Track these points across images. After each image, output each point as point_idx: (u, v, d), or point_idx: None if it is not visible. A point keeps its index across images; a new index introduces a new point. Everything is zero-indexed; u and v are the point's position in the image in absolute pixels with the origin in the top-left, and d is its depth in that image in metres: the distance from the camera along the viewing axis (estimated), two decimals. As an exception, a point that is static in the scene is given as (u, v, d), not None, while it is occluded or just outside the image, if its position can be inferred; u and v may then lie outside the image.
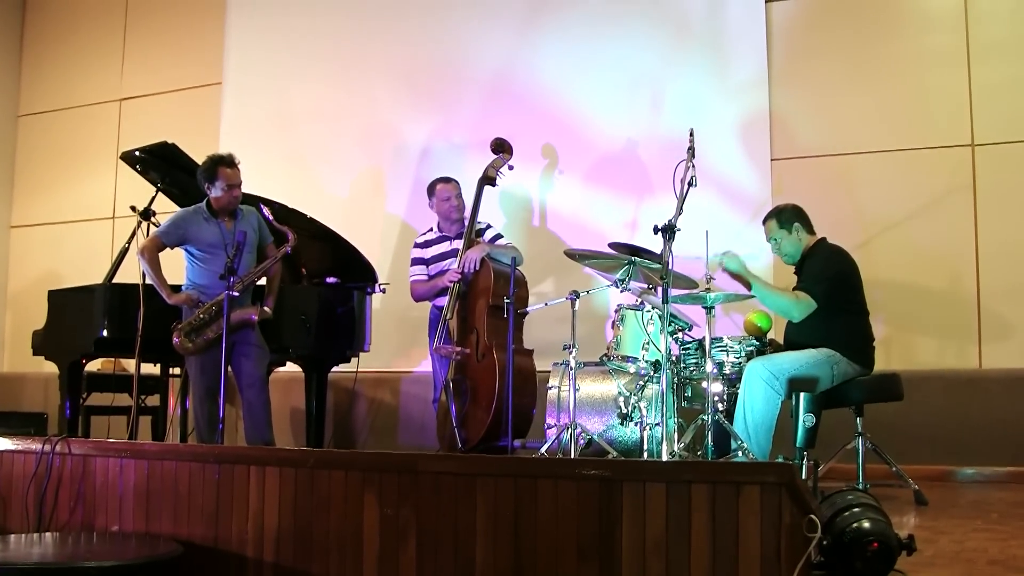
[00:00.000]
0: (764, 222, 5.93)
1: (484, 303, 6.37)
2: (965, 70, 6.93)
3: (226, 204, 6.08)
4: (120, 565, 3.83)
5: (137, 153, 6.78)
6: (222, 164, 6.04)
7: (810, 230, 5.79)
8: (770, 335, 5.99)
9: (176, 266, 6.18)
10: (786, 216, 5.80)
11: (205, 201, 6.12)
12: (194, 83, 9.38)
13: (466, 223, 6.72)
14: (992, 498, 5.65)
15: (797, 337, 5.61)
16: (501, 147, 6.94)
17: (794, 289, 5.64)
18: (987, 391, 6.61)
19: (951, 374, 6.75)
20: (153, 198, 6.92)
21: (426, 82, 8.44)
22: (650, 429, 5.71)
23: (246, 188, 6.19)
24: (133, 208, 6.86)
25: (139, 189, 7.17)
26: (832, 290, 5.53)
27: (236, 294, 5.75)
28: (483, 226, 6.87)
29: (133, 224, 6.83)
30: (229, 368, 5.90)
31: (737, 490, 3.29)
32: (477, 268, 6.45)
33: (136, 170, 6.94)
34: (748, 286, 5.70)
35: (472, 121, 8.12)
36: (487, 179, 6.83)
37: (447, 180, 6.87)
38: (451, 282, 6.46)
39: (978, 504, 5.43)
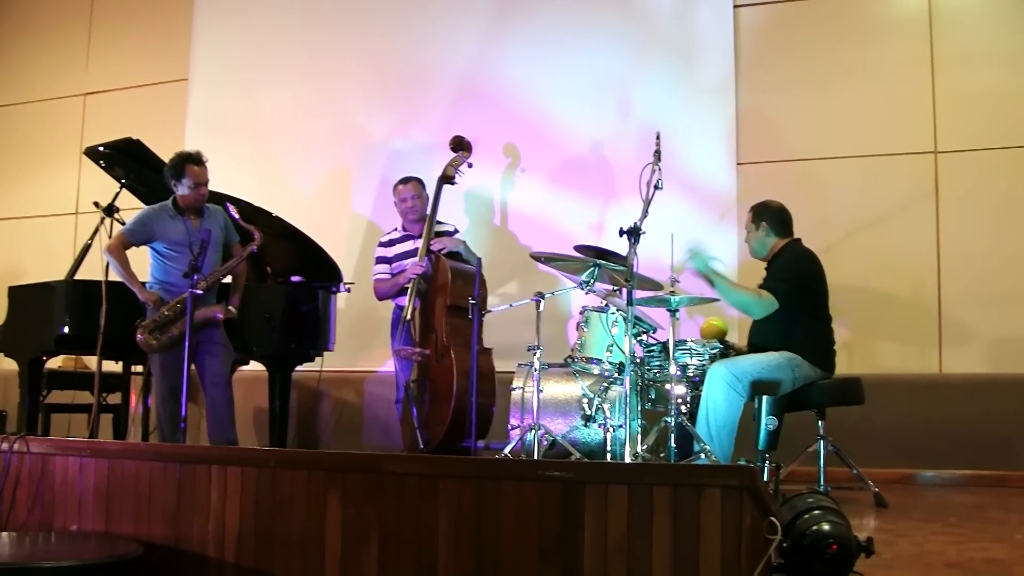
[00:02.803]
0: (749, 211, 5.99)
1: (442, 303, 6.37)
2: (929, 78, 7.02)
3: (193, 202, 6.07)
4: (79, 565, 3.78)
5: (101, 149, 6.71)
6: (190, 162, 6.02)
7: (782, 233, 5.80)
8: (733, 338, 6.01)
9: (141, 263, 6.14)
10: (761, 214, 5.85)
11: (172, 199, 6.10)
12: (160, 79, 9.30)
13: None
14: (951, 501, 5.71)
15: (759, 340, 5.65)
16: (460, 145, 6.95)
17: (759, 287, 5.68)
18: (947, 395, 6.69)
19: (912, 378, 6.82)
20: (117, 194, 6.83)
21: (394, 82, 8.43)
22: (614, 431, 5.72)
23: (211, 186, 6.17)
24: (97, 204, 6.77)
25: (103, 185, 7.08)
26: (792, 292, 5.56)
27: (200, 292, 5.74)
28: (451, 229, 6.89)
29: (96, 220, 6.74)
30: (192, 366, 5.89)
31: (699, 492, 3.30)
32: (444, 251, 6.49)
33: (100, 166, 6.87)
34: (712, 284, 5.72)
35: (439, 121, 8.10)
36: (446, 178, 6.82)
37: (406, 180, 6.88)
38: (413, 275, 6.45)
39: (937, 507, 5.48)
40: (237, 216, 6.16)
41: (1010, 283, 6.74)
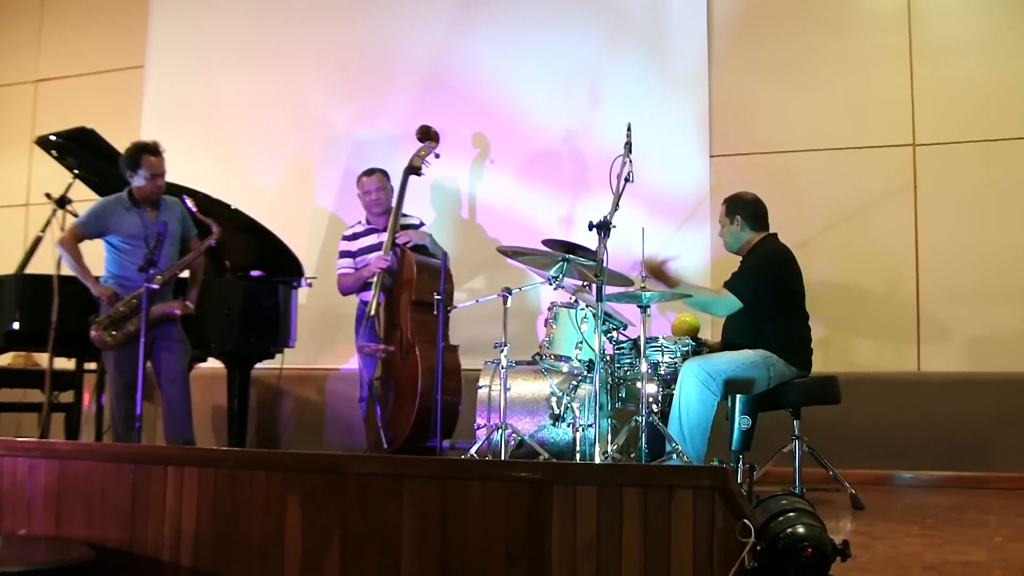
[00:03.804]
0: (722, 204, 5.94)
1: (408, 298, 6.32)
2: (907, 70, 7.00)
3: (149, 194, 6.00)
4: (29, 570, 3.69)
5: (53, 138, 6.63)
6: (146, 152, 5.96)
7: (757, 227, 5.76)
8: (705, 335, 5.95)
9: (96, 257, 6.05)
10: (735, 207, 5.81)
11: (127, 190, 6.04)
12: (115, 66, 9.16)
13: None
14: (928, 503, 5.71)
15: (734, 337, 5.62)
16: (427, 135, 6.94)
17: (724, 284, 5.65)
18: (925, 394, 6.67)
19: (889, 377, 6.81)
20: (70, 185, 6.73)
21: (358, 70, 8.35)
22: (583, 430, 5.68)
23: (168, 177, 6.09)
24: (48, 195, 6.66)
25: (55, 175, 7.00)
26: (761, 290, 5.53)
27: (156, 287, 5.66)
28: (416, 222, 6.85)
29: (48, 212, 6.63)
30: (148, 364, 5.81)
31: (670, 494, 3.25)
32: (410, 244, 6.44)
33: (52, 156, 6.78)
34: (671, 285, 5.68)
35: (405, 112, 8.00)
36: (412, 168, 6.81)
37: (370, 172, 6.85)
38: (378, 270, 6.41)
39: (914, 509, 5.47)
40: (195, 209, 6.07)
41: (990, 280, 6.73)
